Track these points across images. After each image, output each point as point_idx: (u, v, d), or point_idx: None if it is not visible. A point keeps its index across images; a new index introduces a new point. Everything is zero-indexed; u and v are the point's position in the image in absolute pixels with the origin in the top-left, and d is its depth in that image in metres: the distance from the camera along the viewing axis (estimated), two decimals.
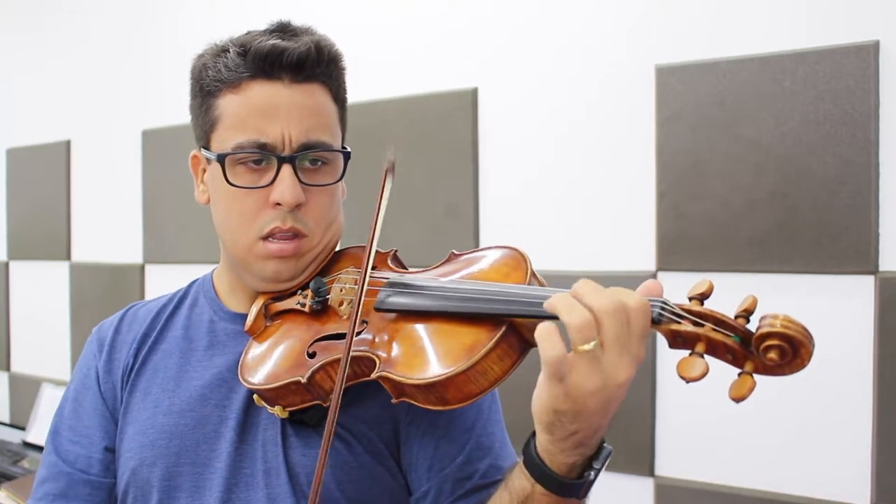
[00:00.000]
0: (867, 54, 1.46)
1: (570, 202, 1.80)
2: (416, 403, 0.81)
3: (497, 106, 1.90)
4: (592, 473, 0.74)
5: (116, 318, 1.11)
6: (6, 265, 3.05)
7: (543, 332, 0.69)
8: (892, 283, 1.46)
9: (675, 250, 1.65)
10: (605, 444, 0.76)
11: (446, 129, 1.95)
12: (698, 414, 1.64)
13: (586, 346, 0.67)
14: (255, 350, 0.97)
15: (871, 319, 1.47)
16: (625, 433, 1.70)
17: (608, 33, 1.75)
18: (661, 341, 1.68)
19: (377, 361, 0.83)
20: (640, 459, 1.69)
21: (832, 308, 1.49)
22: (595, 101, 1.76)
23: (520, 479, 0.78)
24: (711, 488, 1.63)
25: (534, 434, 0.76)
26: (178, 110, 2.45)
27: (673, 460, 1.68)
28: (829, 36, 1.50)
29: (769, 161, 1.55)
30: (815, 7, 1.52)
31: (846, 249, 1.48)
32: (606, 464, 0.76)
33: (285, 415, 0.92)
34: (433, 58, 1.99)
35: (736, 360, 0.69)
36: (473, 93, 1.92)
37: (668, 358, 1.66)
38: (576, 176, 1.79)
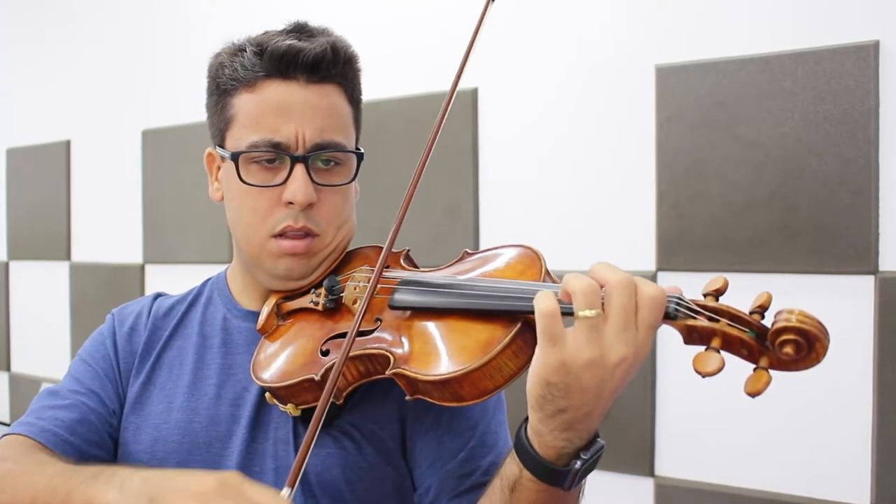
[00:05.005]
0: (867, 54, 1.46)
1: (569, 202, 1.80)
2: (430, 400, 0.81)
3: (497, 106, 1.90)
4: (579, 463, 0.73)
5: (139, 306, 1.11)
6: (6, 265, 3.05)
7: (539, 294, 0.71)
8: (892, 283, 1.46)
9: (675, 250, 1.65)
10: (598, 439, 0.75)
11: (446, 129, 1.95)
12: (698, 414, 1.64)
13: (588, 312, 0.68)
14: (268, 349, 0.97)
15: (871, 319, 1.47)
16: (625, 433, 1.70)
17: (608, 33, 1.75)
18: (662, 343, 1.69)
19: (392, 358, 0.83)
20: (640, 459, 1.69)
21: (832, 308, 1.49)
22: (595, 101, 1.77)
23: (510, 465, 0.78)
24: (711, 488, 1.63)
25: (526, 420, 0.76)
26: (178, 110, 2.47)
27: (673, 460, 1.68)
28: (829, 36, 1.50)
29: (769, 161, 1.55)
30: (815, 7, 1.52)
31: (846, 249, 1.48)
32: (597, 458, 0.75)
33: (297, 413, 0.92)
34: (433, 58, 1.99)
35: (751, 356, 0.69)
36: (473, 93, 1.92)
37: (669, 359, 1.66)
38: (576, 176, 1.79)
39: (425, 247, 1.82)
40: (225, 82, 0.97)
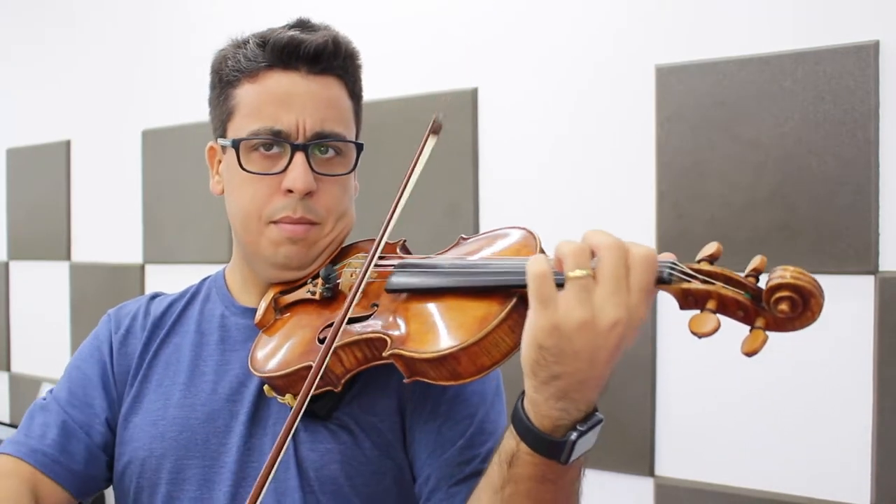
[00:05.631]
0: (867, 54, 1.46)
1: (569, 202, 1.80)
2: (427, 380, 0.81)
3: (497, 105, 1.90)
4: (574, 434, 0.71)
5: (136, 306, 1.11)
6: (6, 265, 3.05)
7: (531, 258, 0.71)
8: (892, 283, 1.46)
9: (675, 250, 1.63)
10: (597, 413, 0.74)
11: (446, 129, 1.95)
12: (698, 414, 1.64)
13: (577, 272, 0.68)
14: (266, 341, 0.97)
15: (871, 319, 1.47)
16: (625, 433, 1.70)
17: (608, 33, 1.75)
18: (661, 343, 1.69)
19: (388, 340, 0.83)
20: (640, 459, 1.69)
21: (832, 308, 1.48)
22: (595, 101, 1.76)
23: (507, 439, 0.77)
24: (711, 488, 1.63)
25: (523, 393, 0.75)
26: (178, 110, 2.47)
27: (673, 460, 1.68)
28: (829, 36, 1.50)
29: (769, 161, 1.55)
30: (815, 7, 1.52)
31: (846, 249, 1.48)
32: (595, 430, 0.73)
33: (295, 403, 0.92)
34: (433, 58, 1.99)
35: (747, 317, 0.68)
36: (473, 93, 1.92)
37: (668, 358, 1.66)
38: (575, 176, 1.79)
39: (425, 246, 1.83)
40: (228, 74, 0.99)
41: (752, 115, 1.57)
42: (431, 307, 0.84)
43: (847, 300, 1.48)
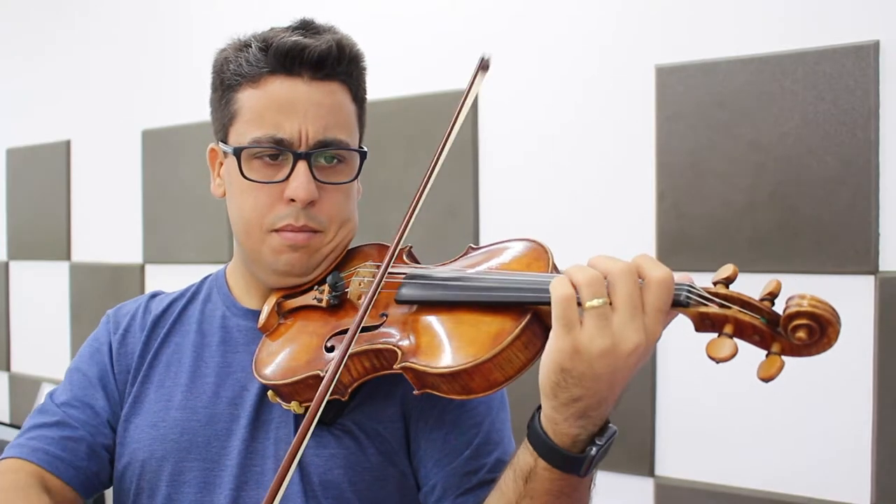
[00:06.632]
0: (867, 54, 1.46)
1: (569, 202, 1.80)
2: (438, 394, 0.81)
3: (497, 105, 1.90)
4: (594, 449, 0.74)
5: (135, 305, 1.11)
6: (6, 265, 3.05)
7: (555, 280, 0.71)
8: (892, 283, 1.46)
9: (675, 250, 1.65)
10: (610, 424, 0.76)
11: (446, 129, 1.95)
12: (698, 414, 1.64)
13: (594, 302, 0.69)
14: (270, 346, 0.97)
15: (871, 319, 1.47)
16: (625, 433, 1.69)
17: (608, 33, 1.75)
18: (661, 343, 1.68)
19: (399, 352, 0.83)
20: (640, 459, 1.69)
21: None
22: (595, 101, 1.76)
23: (523, 455, 0.77)
24: (711, 488, 1.62)
25: (538, 409, 0.75)
26: (178, 110, 2.47)
27: (673, 460, 1.68)
28: (829, 36, 1.50)
29: (769, 161, 1.55)
30: (815, 7, 1.52)
31: (846, 249, 1.48)
32: (610, 444, 0.75)
33: (301, 411, 0.91)
34: (433, 58, 1.99)
35: (763, 342, 0.69)
36: None
37: (669, 358, 1.66)
38: (575, 176, 1.79)
39: (425, 245, 1.83)
40: (229, 77, 0.98)
41: (752, 115, 1.57)
42: (443, 320, 0.83)
43: (847, 300, 1.48)
